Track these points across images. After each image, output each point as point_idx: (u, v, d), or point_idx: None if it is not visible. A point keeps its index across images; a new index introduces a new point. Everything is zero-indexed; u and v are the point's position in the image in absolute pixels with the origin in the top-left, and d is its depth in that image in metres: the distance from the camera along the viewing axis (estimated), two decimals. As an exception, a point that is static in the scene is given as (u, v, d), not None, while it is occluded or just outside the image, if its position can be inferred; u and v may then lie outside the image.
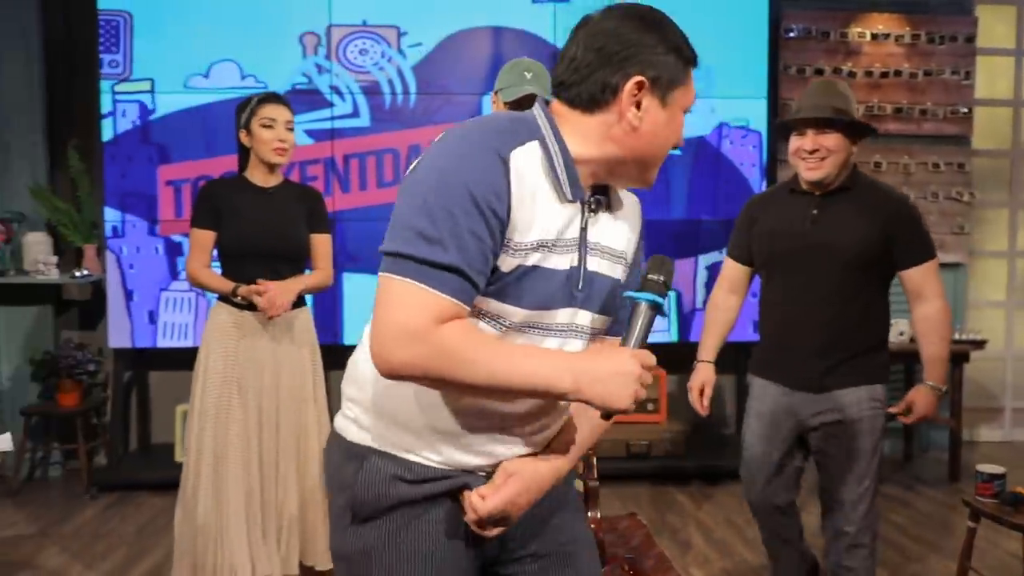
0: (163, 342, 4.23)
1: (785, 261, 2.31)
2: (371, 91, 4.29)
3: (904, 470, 4.50)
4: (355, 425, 1.31)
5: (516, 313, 1.21)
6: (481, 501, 1.23)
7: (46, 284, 4.24)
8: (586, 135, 1.23)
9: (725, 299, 2.49)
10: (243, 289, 2.59)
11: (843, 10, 4.70)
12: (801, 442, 2.38)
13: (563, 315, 1.25)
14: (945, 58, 4.75)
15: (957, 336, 4.38)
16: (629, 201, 1.37)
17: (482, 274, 1.15)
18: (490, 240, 1.14)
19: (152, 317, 4.25)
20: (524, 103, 2.50)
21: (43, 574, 3.16)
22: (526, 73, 2.48)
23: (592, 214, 1.26)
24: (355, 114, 4.33)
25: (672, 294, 4.45)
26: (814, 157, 2.21)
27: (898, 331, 4.22)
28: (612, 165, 1.25)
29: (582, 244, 1.24)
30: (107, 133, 4.13)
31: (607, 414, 1.20)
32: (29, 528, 3.63)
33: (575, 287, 1.24)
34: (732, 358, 4.18)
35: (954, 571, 2.72)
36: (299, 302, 2.76)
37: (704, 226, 4.47)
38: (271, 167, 2.68)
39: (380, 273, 1.15)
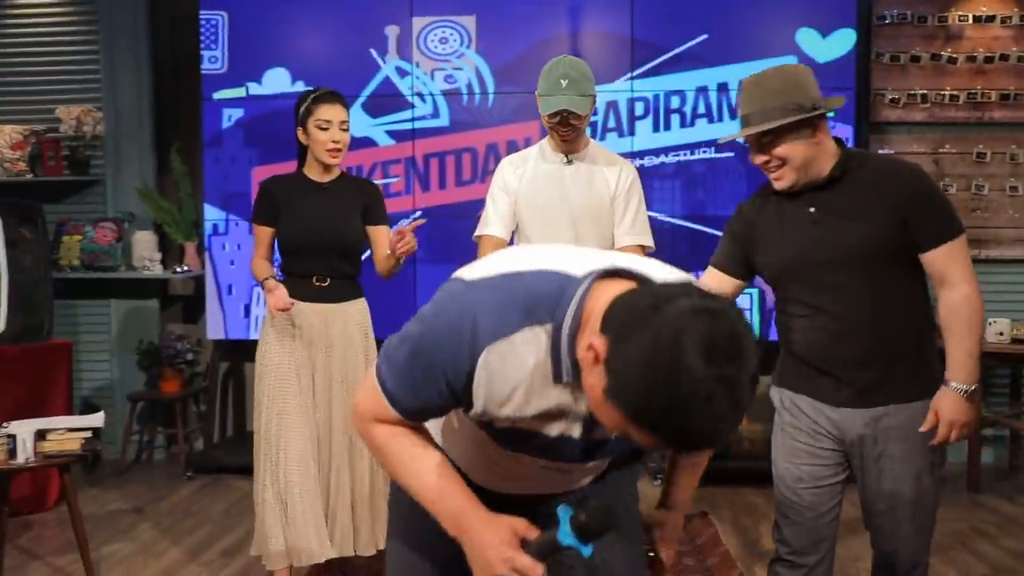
0: (255, 334, 4.46)
1: (798, 272, 1.99)
2: (451, 92, 4.40)
3: (1008, 480, 4.21)
4: None
5: (492, 443, 1.31)
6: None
7: (152, 279, 4.57)
8: (594, 326, 1.11)
9: None
10: (268, 283, 2.72)
11: (943, -8, 4.47)
12: (843, 467, 2.04)
13: (552, 466, 1.32)
14: (1059, 39, 4.43)
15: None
16: None
17: (429, 412, 1.27)
18: (441, 401, 1.22)
19: (247, 311, 4.50)
20: (561, 115, 2.52)
21: (134, 546, 3.41)
22: (562, 80, 2.48)
23: None
24: (435, 115, 4.45)
25: (755, 291, 4.34)
26: (771, 168, 1.95)
27: (997, 331, 3.95)
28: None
29: (589, 419, 1.22)
30: (208, 136, 4.42)
31: None
32: (128, 504, 3.91)
33: (570, 451, 1.27)
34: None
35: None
36: (355, 293, 2.87)
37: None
38: (327, 164, 2.80)
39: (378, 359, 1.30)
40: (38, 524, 3.65)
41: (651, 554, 1.57)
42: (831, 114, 2.74)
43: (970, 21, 4.45)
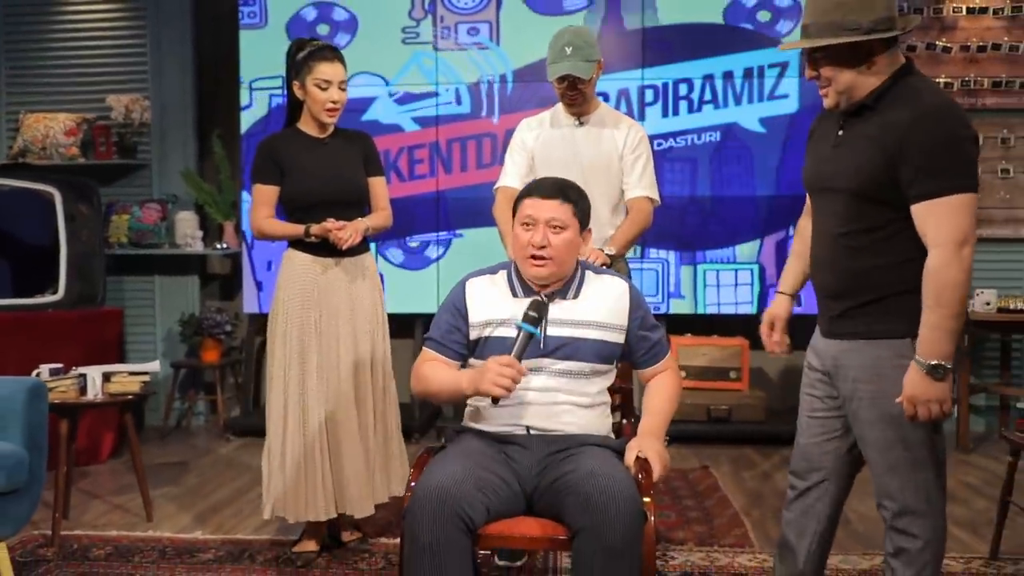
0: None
1: (811, 189, 2.04)
2: (472, 81, 4.74)
3: (998, 443, 4.44)
4: None
5: (482, 355, 2.05)
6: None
7: (193, 255, 4.95)
8: None
9: (806, 225, 2.14)
10: (316, 228, 2.71)
11: (937, -14, 4.76)
12: (836, 400, 2.02)
13: (528, 363, 1.94)
14: (1049, 29, 4.70)
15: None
16: (609, 290, 2.07)
17: (452, 343, 2.06)
18: (456, 324, 2.06)
19: (280, 287, 4.85)
20: (567, 79, 2.81)
21: (182, 490, 3.77)
22: (566, 48, 2.75)
23: (552, 301, 2.02)
24: (458, 102, 4.79)
25: (755, 267, 4.63)
26: (820, 85, 1.91)
27: (984, 301, 4.22)
28: None
29: (545, 320, 1.99)
30: (245, 124, 4.79)
31: (494, 400, 1.89)
32: (174, 459, 4.28)
33: (535, 349, 1.97)
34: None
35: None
36: (365, 246, 2.92)
37: (784, 201, 4.62)
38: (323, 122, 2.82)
39: None
40: (94, 473, 4.02)
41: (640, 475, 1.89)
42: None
43: (964, 12, 4.73)
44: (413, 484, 1.84)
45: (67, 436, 3.02)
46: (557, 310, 2.03)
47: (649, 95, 4.71)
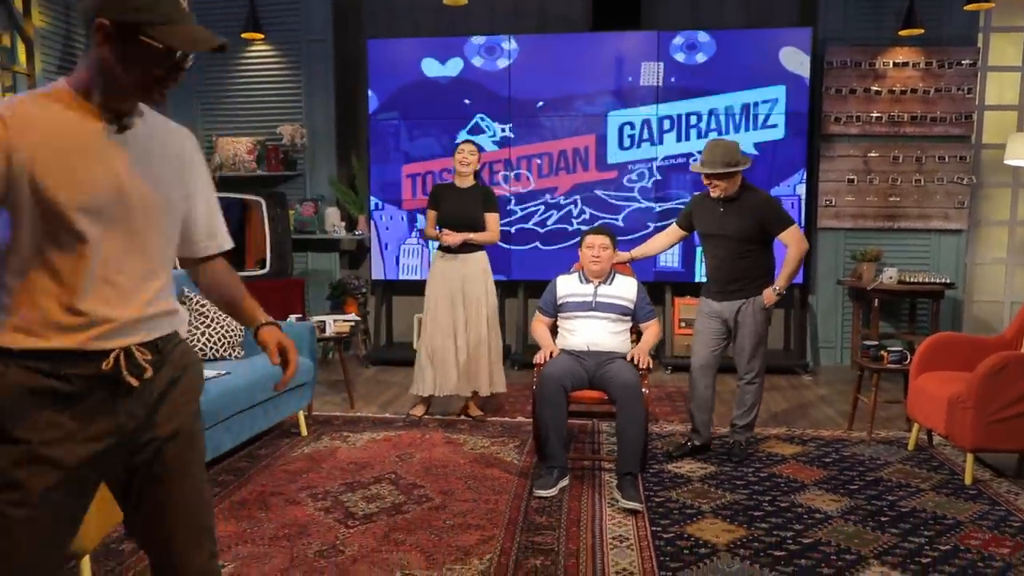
0: (402, 276, 7.18)
1: (708, 236, 4.42)
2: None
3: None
4: None
5: (564, 312, 4.37)
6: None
7: (336, 239, 7.29)
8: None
9: (658, 237, 4.78)
10: (433, 233, 5.15)
11: (873, 46, 6.87)
12: (723, 332, 4.42)
13: (584, 315, 4.26)
14: (953, 78, 6.80)
15: (935, 279, 6.53)
16: (627, 284, 4.37)
17: (551, 309, 4.41)
18: (552, 299, 4.41)
19: (397, 260, 7.21)
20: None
21: (357, 395, 6.13)
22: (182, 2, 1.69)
23: (601, 285, 4.34)
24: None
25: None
26: (713, 187, 4.27)
27: (888, 276, 6.45)
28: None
29: (595, 293, 4.30)
30: (372, 144, 7.07)
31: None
32: (333, 378, 6.66)
33: (587, 305, 4.29)
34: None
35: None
36: (477, 248, 5.12)
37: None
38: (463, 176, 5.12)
39: None
40: (292, 386, 6.41)
41: (635, 363, 4.22)
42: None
43: (891, 66, 6.86)
44: (537, 374, 4.18)
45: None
46: (603, 289, 4.34)
47: (667, 124, 6.93)
